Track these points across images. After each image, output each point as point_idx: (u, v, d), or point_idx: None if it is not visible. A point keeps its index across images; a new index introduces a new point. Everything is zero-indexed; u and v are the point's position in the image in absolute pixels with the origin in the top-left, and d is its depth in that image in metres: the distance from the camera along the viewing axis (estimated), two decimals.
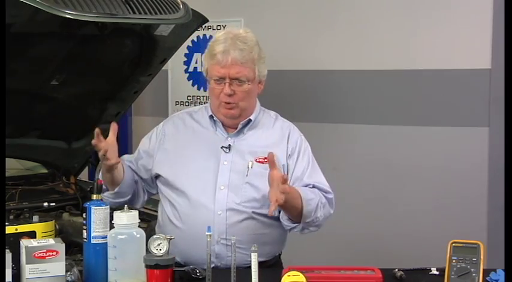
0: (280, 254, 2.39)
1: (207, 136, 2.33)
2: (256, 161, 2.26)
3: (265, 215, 2.24)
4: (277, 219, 2.28)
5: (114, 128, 2.20)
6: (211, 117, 2.33)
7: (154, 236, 1.84)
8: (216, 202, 2.21)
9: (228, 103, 2.26)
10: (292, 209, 2.19)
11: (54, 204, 2.73)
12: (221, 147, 2.28)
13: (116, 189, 2.27)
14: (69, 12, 2.30)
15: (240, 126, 2.32)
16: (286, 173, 2.26)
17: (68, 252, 2.07)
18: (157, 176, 2.35)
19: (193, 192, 2.24)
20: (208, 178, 2.24)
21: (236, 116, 2.30)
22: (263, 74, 2.33)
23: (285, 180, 2.06)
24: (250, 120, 2.32)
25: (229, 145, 2.29)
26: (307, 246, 3.52)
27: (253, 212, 2.23)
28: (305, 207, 2.19)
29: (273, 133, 2.35)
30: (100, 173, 2.09)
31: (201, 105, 2.46)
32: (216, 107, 2.30)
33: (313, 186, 2.29)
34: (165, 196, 2.31)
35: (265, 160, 2.20)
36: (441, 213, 3.42)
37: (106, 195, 2.26)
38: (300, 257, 2.40)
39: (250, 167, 2.24)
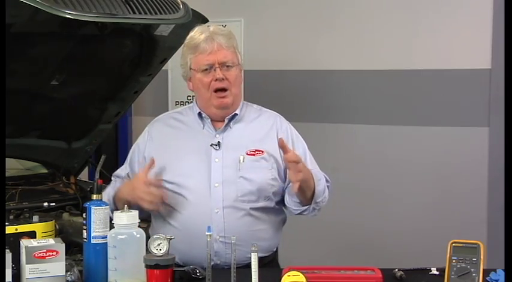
0: (276, 250, 2.39)
1: (195, 136, 2.32)
2: (247, 154, 2.26)
3: (262, 211, 2.25)
4: (274, 214, 2.30)
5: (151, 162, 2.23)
6: (199, 114, 2.33)
7: (155, 236, 1.84)
8: (212, 200, 2.21)
9: (221, 90, 2.25)
10: (307, 190, 2.22)
11: (54, 204, 2.72)
12: (211, 145, 2.28)
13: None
14: (69, 12, 2.30)
15: (226, 121, 2.31)
16: (283, 163, 2.28)
17: (68, 252, 2.07)
18: None
19: (188, 192, 2.23)
20: (202, 177, 2.24)
21: (230, 105, 2.29)
22: (242, 62, 2.35)
23: (298, 160, 2.13)
24: (236, 114, 2.32)
25: (219, 142, 2.28)
26: (307, 245, 3.54)
27: (250, 208, 2.23)
28: (316, 186, 2.23)
29: (261, 125, 2.36)
30: (97, 173, 2.08)
31: (183, 106, 2.46)
32: (207, 100, 2.29)
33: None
34: None
35: (256, 152, 2.26)
36: (441, 213, 3.42)
37: None
38: (299, 257, 2.40)
39: (241, 161, 2.24)
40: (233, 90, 2.28)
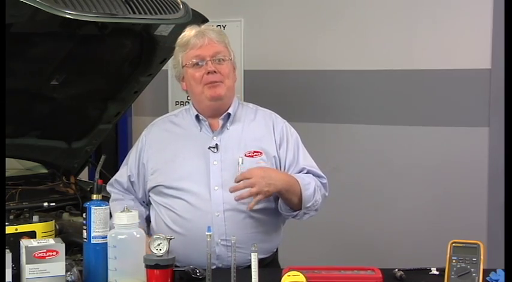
0: (277, 250, 2.39)
1: (192, 139, 2.31)
2: (245, 156, 2.25)
3: (263, 212, 2.25)
4: (274, 215, 2.29)
5: None
6: (196, 117, 2.31)
7: (155, 236, 1.85)
8: (212, 204, 2.20)
9: (213, 82, 2.24)
10: (293, 196, 2.20)
11: (54, 204, 2.72)
12: (208, 148, 2.27)
13: None
14: (69, 12, 2.30)
15: (221, 122, 2.30)
16: (279, 162, 2.29)
17: (68, 252, 2.07)
18: (150, 188, 2.32)
19: (188, 196, 2.22)
20: (201, 180, 2.22)
21: (223, 96, 2.26)
22: (235, 60, 2.34)
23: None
24: (229, 114, 2.31)
25: (216, 144, 2.27)
26: (307, 245, 3.53)
27: (251, 211, 2.22)
28: (304, 191, 2.21)
29: (258, 125, 2.34)
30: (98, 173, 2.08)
31: (180, 109, 2.44)
32: (200, 94, 2.27)
33: (308, 172, 2.31)
34: (160, 204, 2.28)
35: (255, 154, 2.25)
36: (441, 213, 3.42)
37: None
38: (299, 257, 2.40)
39: (240, 163, 2.22)
40: (226, 82, 2.27)
